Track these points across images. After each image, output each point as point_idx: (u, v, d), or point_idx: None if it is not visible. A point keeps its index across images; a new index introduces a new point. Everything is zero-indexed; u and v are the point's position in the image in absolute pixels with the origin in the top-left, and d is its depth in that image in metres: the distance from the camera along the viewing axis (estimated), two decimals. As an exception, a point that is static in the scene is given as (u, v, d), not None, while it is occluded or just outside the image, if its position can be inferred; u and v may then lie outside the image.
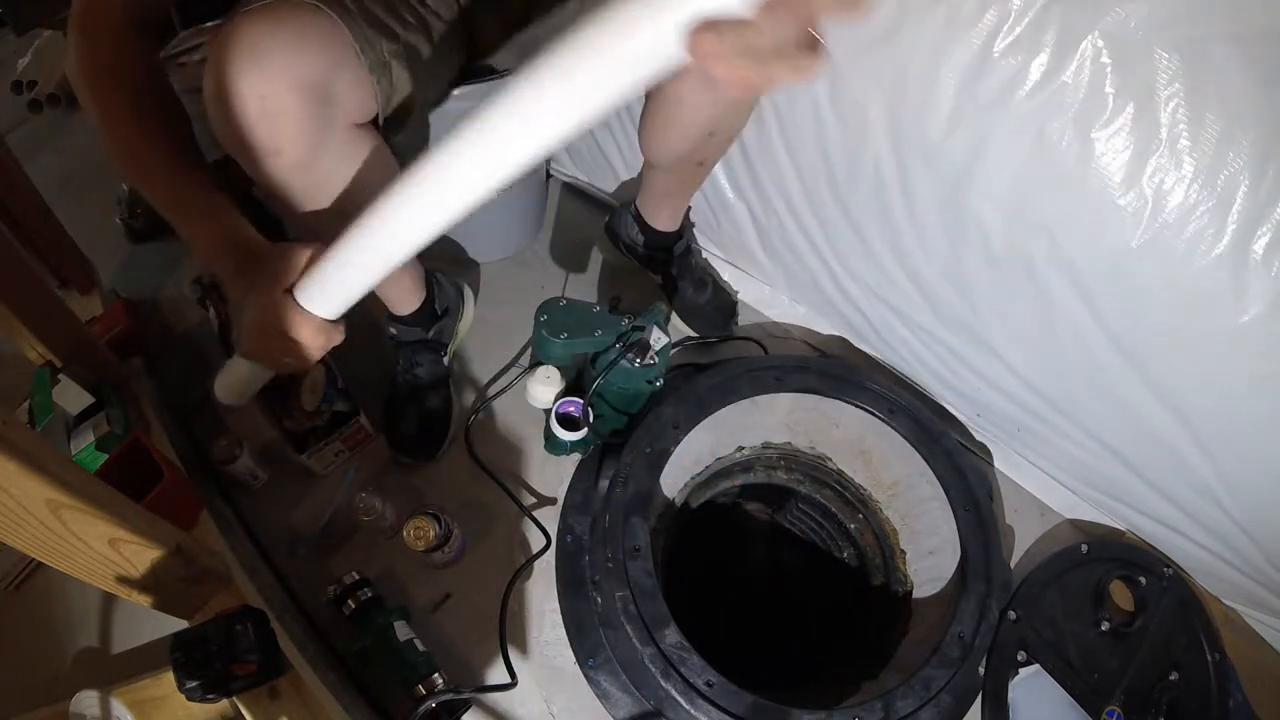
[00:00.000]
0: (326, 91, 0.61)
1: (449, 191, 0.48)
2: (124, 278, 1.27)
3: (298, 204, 0.69)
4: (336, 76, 0.62)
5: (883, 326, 1.00)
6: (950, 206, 0.78)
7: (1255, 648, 0.87)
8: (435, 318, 1.02)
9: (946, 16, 0.67)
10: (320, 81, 0.60)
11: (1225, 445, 0.72)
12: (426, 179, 0.48)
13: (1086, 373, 0.78)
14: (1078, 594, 0.87)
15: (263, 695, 0.68)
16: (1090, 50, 0.62)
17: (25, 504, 0.52)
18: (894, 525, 0.96)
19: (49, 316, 0.90)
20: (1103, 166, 0.65)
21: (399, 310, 0.98)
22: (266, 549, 0.93)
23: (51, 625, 0.87)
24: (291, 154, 0.62)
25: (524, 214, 1.24)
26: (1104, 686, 0.80)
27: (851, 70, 0.76)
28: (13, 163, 1.00)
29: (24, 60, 1.72)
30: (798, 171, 0.92)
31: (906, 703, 0.74)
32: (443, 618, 0.88)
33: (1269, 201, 0.59)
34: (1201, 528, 0.82)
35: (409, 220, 0.51)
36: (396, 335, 1.00)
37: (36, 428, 0.90)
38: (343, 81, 0.63)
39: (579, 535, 0.88)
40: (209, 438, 0.96)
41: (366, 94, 0.67)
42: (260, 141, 0.60)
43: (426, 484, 0.99)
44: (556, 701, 0.83)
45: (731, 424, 0.96)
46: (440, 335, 1.04)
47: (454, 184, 0.47)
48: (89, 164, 1.51)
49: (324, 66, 0.60)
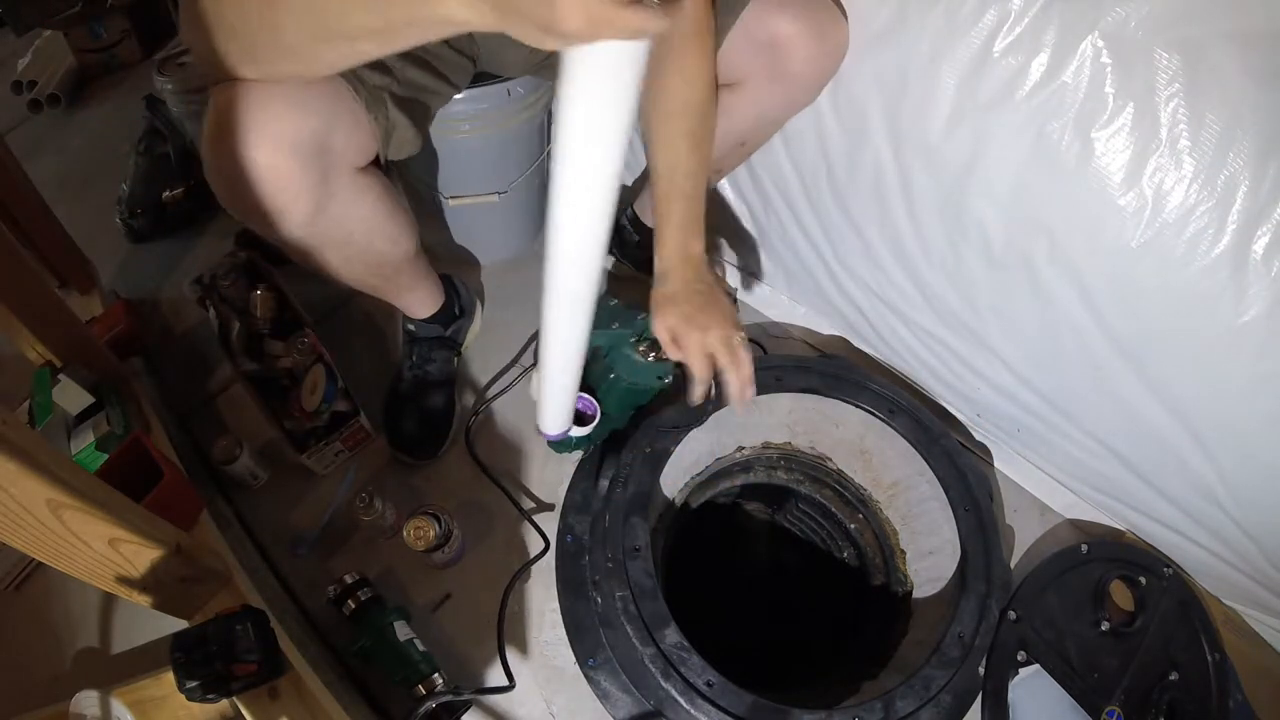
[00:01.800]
0: (325, 144, 0.62)
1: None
2: (124, 278, 1.27)
3: (309, 251, 0.71)
4: (334, 126, 0.62)
5: (883, 326, 1.00)
6: (950, 206, 0.78)
7: (1255, 648, 0.87)
8: (454, 318, 1.04)
9: (946, 16, 0.67)
10: (320, 136, 0.61)
11: (1225, 445, 0.72)
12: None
13: (1086, 373, 0.78)
14: (1078, 594, 0.87)
15: (263, 695, 0.68)
16: (1090, 50, 0.62)
17: (25, 504, 0.52)
18: (894, 525, 0.96)
19: (49, 316, 0.90)
20: (1103, 166, 0.65)
21: (418, 315, 1.00)
22: (266, 549, 0.93)
23: (51, 625, 0.87)
24: (298, 212, 0.63)
25: (524, 215, 1.23)
26: (1104, 686, 0.80)
27: (851, 70, 0.76)
28: (13, 163, 1.00)
29: (24, 60, 1.72)
30: (798, 171, 0.92)
31: (906, 703, 0.74)
32: (443, 618, 0.88)
33: (1269, 201, 0.59)
34: (1201, 528, 0.82)
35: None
36: (414, 331, 1.01)
37: (36, 428, 0.90)
38: (341, 130, 0.63)
39: (579, 535, 0.88)
40: (209, 438, 0.96)
41: (366, 136, 0.68)
42: (268, 206, 0.61)
43: (426, 484, 0.99)
44: (556, 701, 0.83)
45: (731, 424, 0.96)
46: (456, 335, 1.06)
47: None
48: (89, 164, 1.51)
49: (322, 121, 0.61)
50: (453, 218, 1.15)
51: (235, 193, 0.60)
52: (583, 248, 0.53)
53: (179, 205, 1.32)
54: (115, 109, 1.64)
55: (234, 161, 0.58)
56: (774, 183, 0.96)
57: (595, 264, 0.55)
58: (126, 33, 1.74)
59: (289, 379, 1.00)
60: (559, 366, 0.71)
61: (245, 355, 1.00)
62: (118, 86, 1.73)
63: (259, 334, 1.03)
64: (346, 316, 1.18)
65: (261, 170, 0.58)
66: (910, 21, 0.70)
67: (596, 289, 0.59)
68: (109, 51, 1.74)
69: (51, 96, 1.63)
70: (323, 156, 0.62)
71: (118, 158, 1.42)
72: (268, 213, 0.62)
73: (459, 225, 1.17)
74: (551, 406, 0.81)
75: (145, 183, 1.31)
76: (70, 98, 1.67)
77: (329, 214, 0.66)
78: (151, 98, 1.35)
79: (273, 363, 1.01)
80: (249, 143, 0.57)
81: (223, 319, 1.02)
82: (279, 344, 1.02)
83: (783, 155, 0.91)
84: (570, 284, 0.58)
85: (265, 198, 0.60)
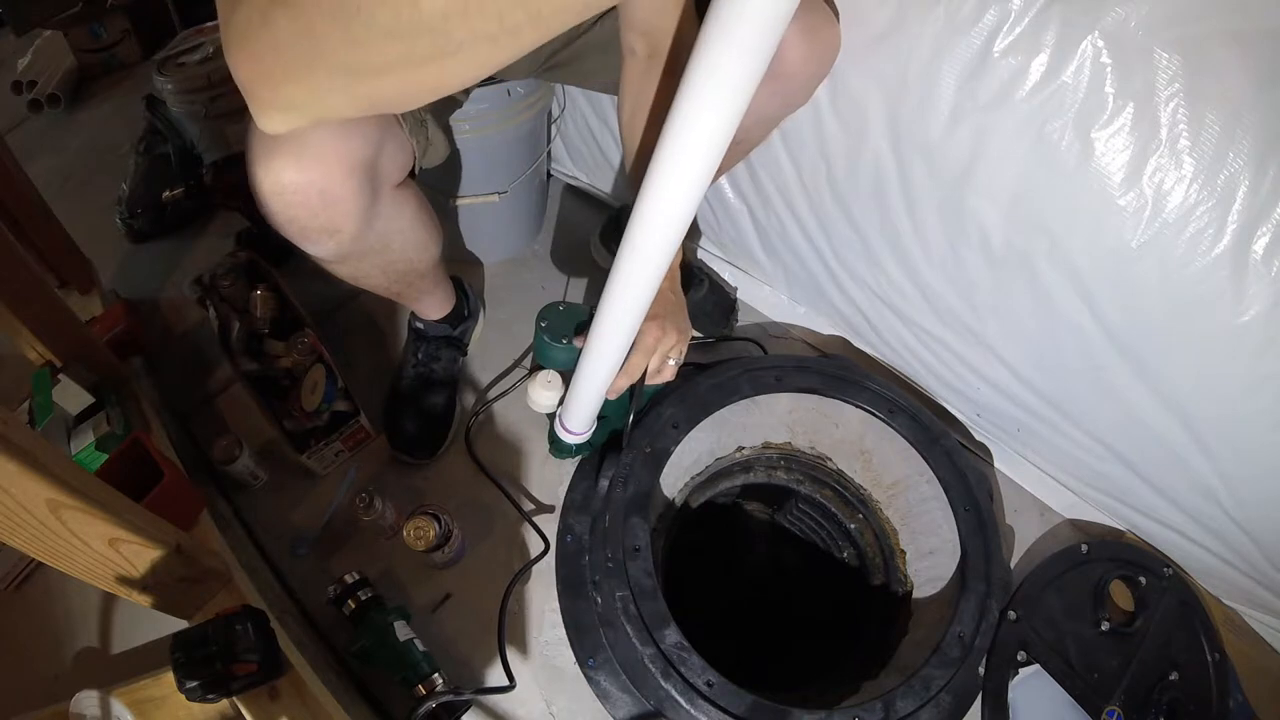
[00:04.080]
0: (375, 165, 0.63)
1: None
2: (124, 278, 1.27)
3: (351, 266, 0.73)
4: (382, 148, 0.63)
5: (883, 326, 1.00)
6: (950, 206, 0.78)
7: (1255, 648, 0.87)
8: (463, 319, 1.05)
9: (946, 16, 0.67)
10: (370, 158, 0.62)
11: (1225, 445, 0.72)
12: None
13: (1086, 372, 0.78)
14: (1078, 594, 0.87)
15: (263, 695, 0.68)
16: (1090, 50, 0.62)
17: (25, 504, 0.52)
18: (894, 525, 0.96)
19: (49, 316, 0.90)
20: (1103, 166, 0.65)
21: (430, 317, 1.01)
22: (266, 549, 0.93)
23: (51, 625, 0.87)
24: (348, 231, 0.64)
25: (524, 215, 1.24)
26: (1104, 686, 0.80)
27: (852, 70, 0.76)
28: (13, 163, 1.00)
29: (24, 60, 1.72)
30: (798, 171, 0.92)
31: (906, 703, 0.74)
32: (443, 618, 0.88)
33: (1269, 201, 0.59)
34: (1201, 528, 0.82)
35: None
36: (423, 329, 1.02)
37: (36, 428, 0.89)
38: (387, 151, 0.65)
39: (579, 535, 0.88)
40: (209, 438, 0.96)
41: (407, 155, 0.70)
42: (321, 226, 0.62)
43: (426, 484, 0.99)
44: (556, 701, 0.83)
45: (731, 424, 0.96)
46: (463, 335, 1.07)
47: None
48: (89, 164, 1.52)
49: (373, 143, 0.62)
50: (453, 218, 1.15)
51: (290, 213, 0.60)
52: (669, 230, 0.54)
53: (179, 205, 1.32)
54: (115, 109, 1.65)
55: (289, 180, 0.57)
56: (774, 182, 0.96)
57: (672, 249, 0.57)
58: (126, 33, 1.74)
59: (289, 379, 1.00)
60: (612, 363, 0.72)
61: (245, 355, 1.00)
62: (118, 86, 1.73)
63: (259, 334, 1.03)
64: (346, 316, 1.18)
65: (319, 191, 0.59)
66: (910, 21, 0.70)
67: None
68: (109, 51, 1.75)
69: (51, 96, 1.63)
70: (374, 178, 0.63)
71: (118, 158, 1.42)
72: (320, 230, 0.62)
73: (460, 225, 1.17)
74: (588, 404, 0.80)
75: (145, 183, 1.32)
76: (70, 98, 1.67)
77: (375, 229, 0.67)
78: (151, 98, 1.36)
79: (273, 363, 1.01)
80: (306, 164, 0.57)
81: (223, 319, 1.02)
82: (279, 344, 1.02)
83: (783, 155, 0.91)
84: (647, 273, 0.58)
85: (319, 216, 0.61)
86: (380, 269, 0.77)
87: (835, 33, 0.72)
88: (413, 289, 0.90)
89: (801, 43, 0.69)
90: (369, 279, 0.79)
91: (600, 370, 0.73)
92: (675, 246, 0.56)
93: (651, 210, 0.52)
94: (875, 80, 0.75)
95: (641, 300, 0.62)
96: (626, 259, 0.57)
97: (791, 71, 0.71)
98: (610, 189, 1.25)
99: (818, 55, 0.72)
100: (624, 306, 0.63)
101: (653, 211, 0.52)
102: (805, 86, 0.76)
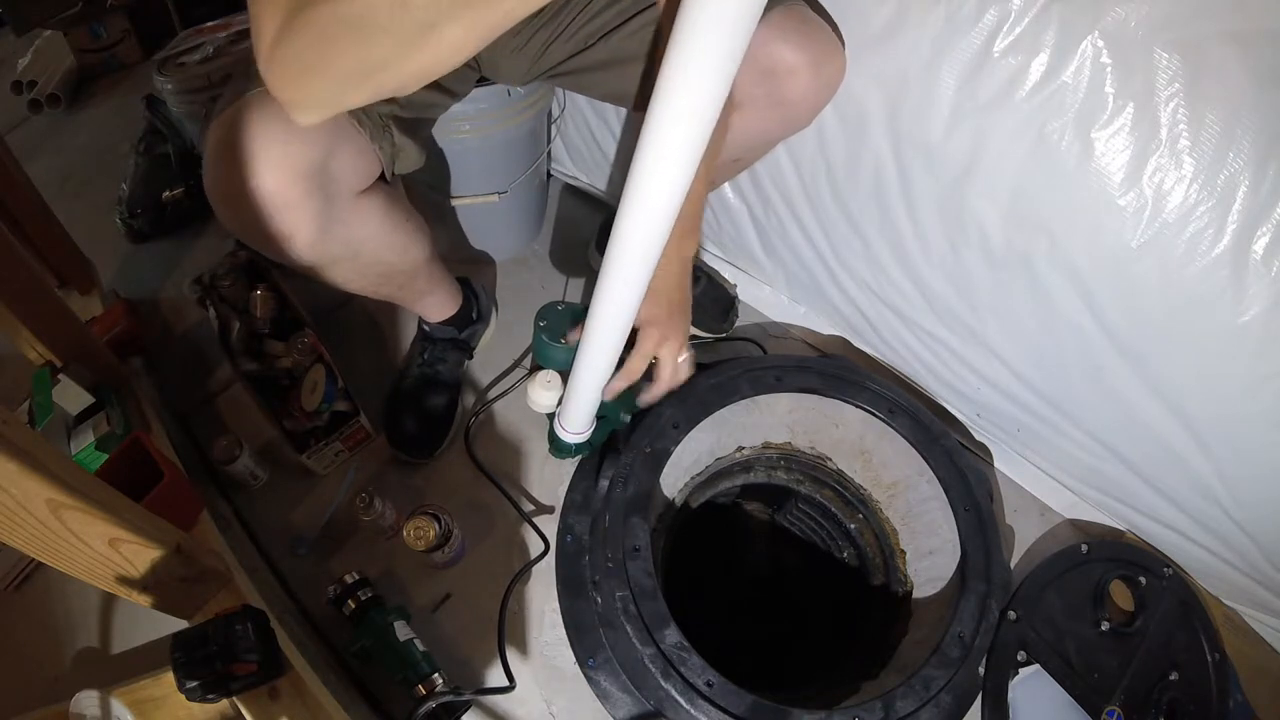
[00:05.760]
0: (327, 172, 0.63)
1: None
2: (124, 278, 1.27)
3: (320, 271, 0.72)
4: (335, 154, 0.63)
5: (883, 326, 1.00)
6: (950, 206, 0.78)
7: (1255, 648, 0.87)
8: (470, 322, 1.05)
9: (946, 16, 0.67)
10: (318, 162, 0.61)
11: (1225, 445, 0.72)
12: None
13: (1086, 372, 0.78)
14: (1078, 594, 0.87)
15: (263, 695, 0.68)
16: (1090, 50, 0.62)
17: (25, 504, 0.52)
18: (894, 525, 0.96)
19: (49, 316, 0.90)
20: (1103, 166, 0.65)
21: (433, 319, 1.00)
22: (266, 549, 0.93)
23: (51, 625, 0.87)
24: (303, 236, 0.64)
25: (524, 214, 1.24)
26: (1104, 686, 0.80)
27: (852, 70, 0.76)
28: (13, 163, 1.00)
29: (24, 60, 1.72)
30: (798, 171, 0.92)
31: (906, 703, 0.74)
32: (443, 618, 0.88)
33: (1269, 201, 0.59)
34: (1201, 528, 0.82)
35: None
36: (429, 330, 1.02)
37: (36, 428, 0.89)
38: (341, 157, 0.64)
39: (579, 535, 0.88)
40: (209, 438, 0.96)
41: (368, 162, 0.69)
42: (274, 231, 0.62)
43: (426, 484, 0.99)
44: (556, 701, 0.83)
45: (731, 424, 0.96)
46: (470, 339, 1.06)
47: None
48: (89, 164, 1.52)
49: (321, 148, 0.61)
50: (453, 218, 1.15)
51: (241, 218, 0.61)
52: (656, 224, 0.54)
53: (179, 205, 1.32)
54: (115, 109, 1.65)
55: (238, 187, 0.58)
56: (774, 183, 0.96)
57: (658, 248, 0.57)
58: (126, 33, 1.74)
59: (289, 379, 1.00)
60: (606, 362, 0.72)
61: (245, 355, 1.00)
62: (118, 86, 1.73)
63: (259, 334, 1.03)
64: (346, 316, 1.18)
65: (266, 195, 0.59)
66: (910, 21, 0.70)
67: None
68: (109, 51, 1.75)
69: (51, 96, 1.63)
70: (326, 184, 0.63)
71: (118, 158, 1.42)
72: (273, 236, 0.62)
73: (460, 226, 1.17)
74: (585, 404, 0.80)
75: (145, 183, 1.32)
76: (70, 98, 1.67)
77: (334, 235, 0.67)
78: (151, 98, 1.36)
79: (273, 363, 1.01)
80: (253, 169, 0.57)
81: (223, 319, 1.02)
82: (279, 344, 1.02)
83: (783, 155, 0.91)
84: (635, 272, 0.59)
85: (270, 222, 0.61)
86: (357, 273, 0.76)
87: (841, 63, 0.73)
88: (405, 291, 0.89)
89: (809, 73, 0.70)
90: (352, 284, 0.78)
91: (595, 369, 0.73)
92: (661, 240, 0.55)
93: (636, 204, 0.52)
94: (875, 80, 0.75)
95: (631, 297, 0.61)
96: (614, 254, 0.57)
97: (797, 99, 0.72)
98: (610, 189, 1.25)
99: (823, 84, 0.73)
100: (615, 301, 0.62)
101: (637, 205, 0.52)
102: (809, 113, 0.77)
